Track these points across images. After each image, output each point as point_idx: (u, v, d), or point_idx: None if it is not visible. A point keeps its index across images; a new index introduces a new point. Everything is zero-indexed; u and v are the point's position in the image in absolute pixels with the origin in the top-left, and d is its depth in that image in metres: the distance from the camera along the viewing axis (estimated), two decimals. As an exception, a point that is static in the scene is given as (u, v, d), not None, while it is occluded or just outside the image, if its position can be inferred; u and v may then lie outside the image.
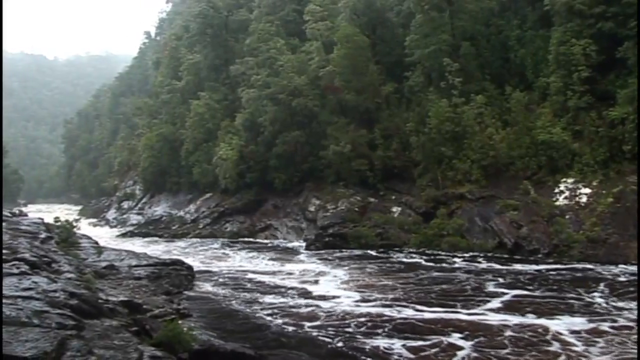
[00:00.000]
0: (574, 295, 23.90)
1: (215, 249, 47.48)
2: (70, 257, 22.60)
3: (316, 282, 29.55)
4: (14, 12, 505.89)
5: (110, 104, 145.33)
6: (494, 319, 20.49)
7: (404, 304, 23.34)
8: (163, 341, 13.28)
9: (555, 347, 17.21)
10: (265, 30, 63.82)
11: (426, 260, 35.43)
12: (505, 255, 35.15)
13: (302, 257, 40.30)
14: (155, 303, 19.07)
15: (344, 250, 41.80)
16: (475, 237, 38.95)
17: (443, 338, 18.22)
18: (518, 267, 31.49)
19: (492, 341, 17.86)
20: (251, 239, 53.09)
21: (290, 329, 19.88)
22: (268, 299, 25.10)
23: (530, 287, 25.92)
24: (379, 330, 19.44)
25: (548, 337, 18.07)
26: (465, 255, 36.52)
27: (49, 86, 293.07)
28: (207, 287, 28.28)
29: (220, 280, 30.62)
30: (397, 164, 48.73)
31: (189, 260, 34.48)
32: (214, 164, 61.47)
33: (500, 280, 27.94)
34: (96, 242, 31.61)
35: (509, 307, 22.18)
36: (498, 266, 32.02)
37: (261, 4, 72.33)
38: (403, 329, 19.62)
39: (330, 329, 19.73)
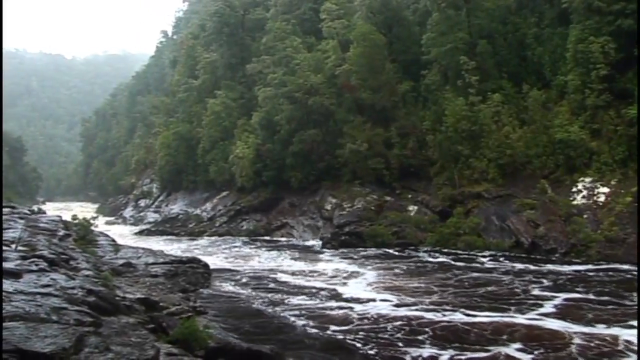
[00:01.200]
0: (628, 300, 21.99)
1: (235, 247, 47.40)
2: (87, 255, 22.76)
3: (344, 283, 28.42)
4: (33, 12, 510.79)
5: (128, 102, 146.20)
6: (553, 325, 18.72)
7: (448, 307, 21.77)
8: (179, 338, 13.34)
9: (634, 360, 15.21)
10: (282, 28, 63.89)
11: (454, 260, 34.82)
12: (523, 255, 34.89)
13: (324, 256, 39.82)
14: (172, 301, 19.15)
15: (362, 248, 41.65)
16: (491, 236, 38.76)
17: (499, 348, 16.46)
18: (552, 267, 30.70)
19: (557, 353, 15.99)
20: (267, 237, 53.22)
21: (317, 331, 18.85)
22: (291, 299, 24.35)
23: (579, 290, 24.58)
24: (421, 337, 17.86)
25: (620, 348, 16.18)
26: (485, 254, 36.31)
27: (67, 85, 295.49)
28: (225, 285, 28.14)
29: (240, 279, 30.30)
30: (414, 162, 48.64)
31: (210, 259, 34.60)
32: (230, 162, 61.64)
33: (544, 282, 26.77)
34: (113, 240, 31.78)
35: (565, 313, 20.40)
36: (533, 267, 31.07)
37: (277, 2, 72.41)
38: (449, 336, 18.01)
39: (361, 333, 18.48)
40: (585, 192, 36.92)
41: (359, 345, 17.27)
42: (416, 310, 21.60)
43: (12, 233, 21.73)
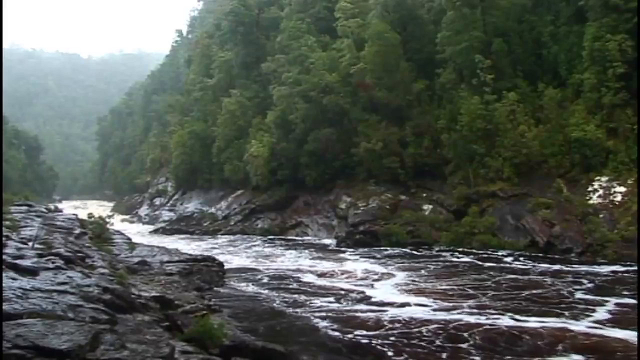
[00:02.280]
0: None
1: (255, 246, 47.13)
2: (103, 253, 22.93)
3: (371, 284, 27.11)
4: (49, 12, 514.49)
5: (143, 101, 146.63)
6: (618, 334, 16.88)
7: (493, 311, 20.27)
8: (194, 336, 13.40)
9: None
10: (296, 27, 63.91)
11: (480, 260, 34.05)
12: (540, 255, 34.54)
13: (346, 255, 39.11)
14: (187, 299, 19.21)
15: (377, 247, 41.40)
16: (506, 235, 38.58)
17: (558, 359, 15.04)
18: (586, 268, 29.48)
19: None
20: (282, 236, 53.19)
21: (343, 335, 17.69)
22: (314, 300, 23.33)
23: (626, 294, 22.82)
24: (465, 346, 16.38)
25: None
26: (503, 253, 35.98)
27: (83, 84, 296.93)
28: (243, 284, 27.79)
29: (259, 278, 29.76)
30: (429, 161, 48.53)
31: (230, 258, 34.83)
32: (245, 161, 61.79)
33: (585, 283, 25.65)
34: (129, 238, 31.93)
35: (625, 320, 18.57)
36: (566, 267, 29.98)
37: (292, 1, 72.35)
38: (497, 344, 16.52)
39: (391, 338, 17.17)
40: (601, 192, 36.64)
41: (391, 352, 15.99)
42: (457, 314, 20.13)
43: (29, 231, 21.94)
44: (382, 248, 41.16)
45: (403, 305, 22.03)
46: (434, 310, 21.07)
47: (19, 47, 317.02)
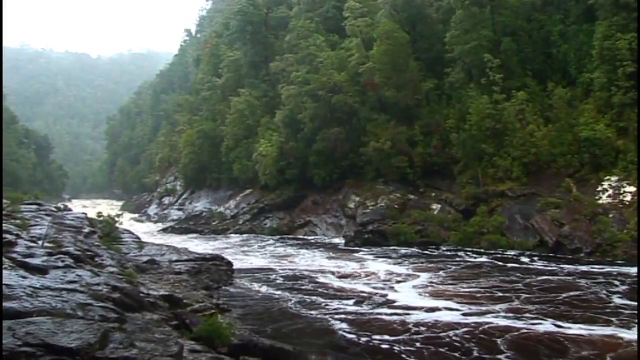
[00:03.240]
0: None
1: (268, 245, 46.68)
2: (112, 252, 22.98)
3: (391, 287, 25.92)
4: (59, 12, 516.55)
5: (152, 100, 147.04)
6: None
7: (531, 316, 19.09)
8: (202, 335, 13.45)
9: None
10: (305, 27, 63.90)
11: (500, 260, 33.34)
12: (551, 254, 34.31)
13: (360, 254, 38.39)
14: (195, 298, 19.24)
15: (386, 247, 41.16)
16: (515, 235, 38.45)
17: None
18: (612, 269, 28.63)
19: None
20: (290, 235, 53.08)
21: (357, 338, 16.97)
22: (331, 302, 22.48)
23: None
24: (501, 357, 15.26)
25: None
26: (513, 252, 35.68)
27: (92, 84, 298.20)
28: (253, 284, 27.40)
29: (271, 278, 29.28)
30: (437, 160, 48.50)
31: (243, 257, 34.64)
32: (253, 160, 61.81)
33: (618, 285, 24.42)
34: (138, 237, 31.97)
35: None
36: (594, 269, 29.01)
37: (301, 0, 72.36)
38: (536, 355, 15.39)
39: (417, 344, 16.31)
40: (611, 191, 36.47)
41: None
42: (491, 318, 19.03)
43: (39, 230, 22.00)
44: (390, 247, 41.00)
45: (432, 309, 20.75)
46: (464, 314, 19.94)
47: (28, 47, 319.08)
